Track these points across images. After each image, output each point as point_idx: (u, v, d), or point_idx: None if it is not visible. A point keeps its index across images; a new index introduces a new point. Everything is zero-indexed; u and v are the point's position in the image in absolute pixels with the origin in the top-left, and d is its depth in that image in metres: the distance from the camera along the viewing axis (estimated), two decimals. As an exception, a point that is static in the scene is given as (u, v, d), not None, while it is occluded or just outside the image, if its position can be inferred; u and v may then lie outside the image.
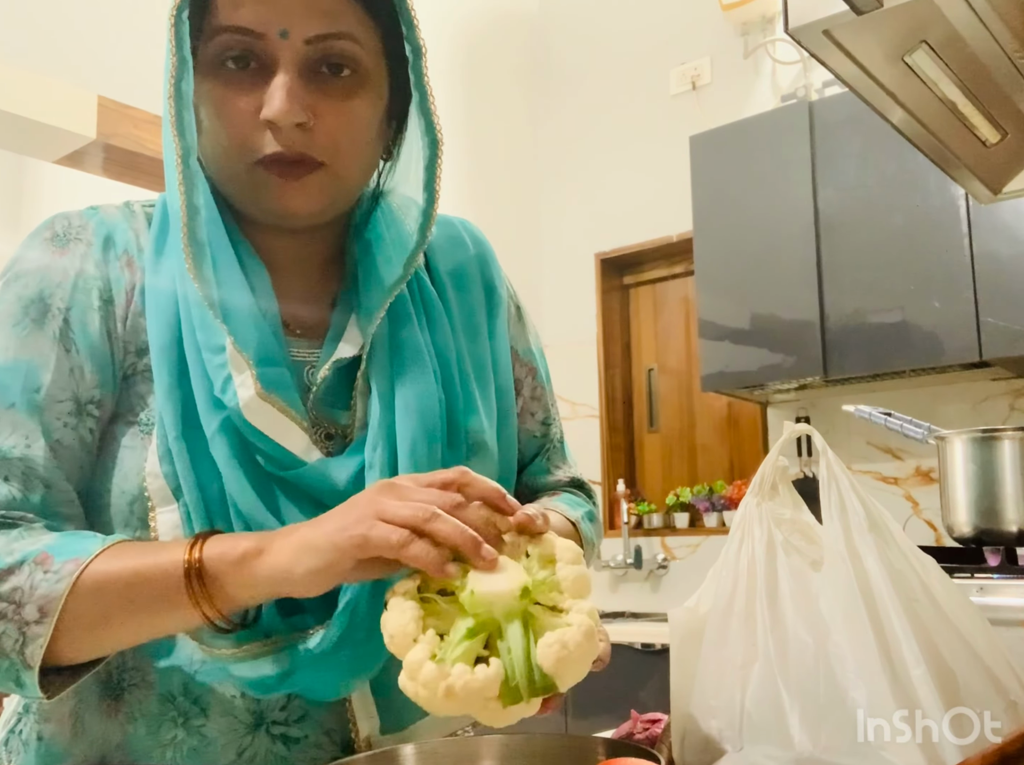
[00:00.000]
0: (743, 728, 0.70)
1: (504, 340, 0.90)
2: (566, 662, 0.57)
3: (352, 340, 0.80)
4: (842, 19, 0.89)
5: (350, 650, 0.71)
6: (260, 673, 0.71)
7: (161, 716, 0.73)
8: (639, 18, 3.65)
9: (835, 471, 0.76)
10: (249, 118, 0.73)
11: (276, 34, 0.72)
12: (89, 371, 0.75)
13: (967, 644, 0.70)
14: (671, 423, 3.58)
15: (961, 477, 1.91)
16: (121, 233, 0.79)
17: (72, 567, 0.64)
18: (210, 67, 0.74)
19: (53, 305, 0.75)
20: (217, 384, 0.72)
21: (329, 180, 0.76)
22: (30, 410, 0.71)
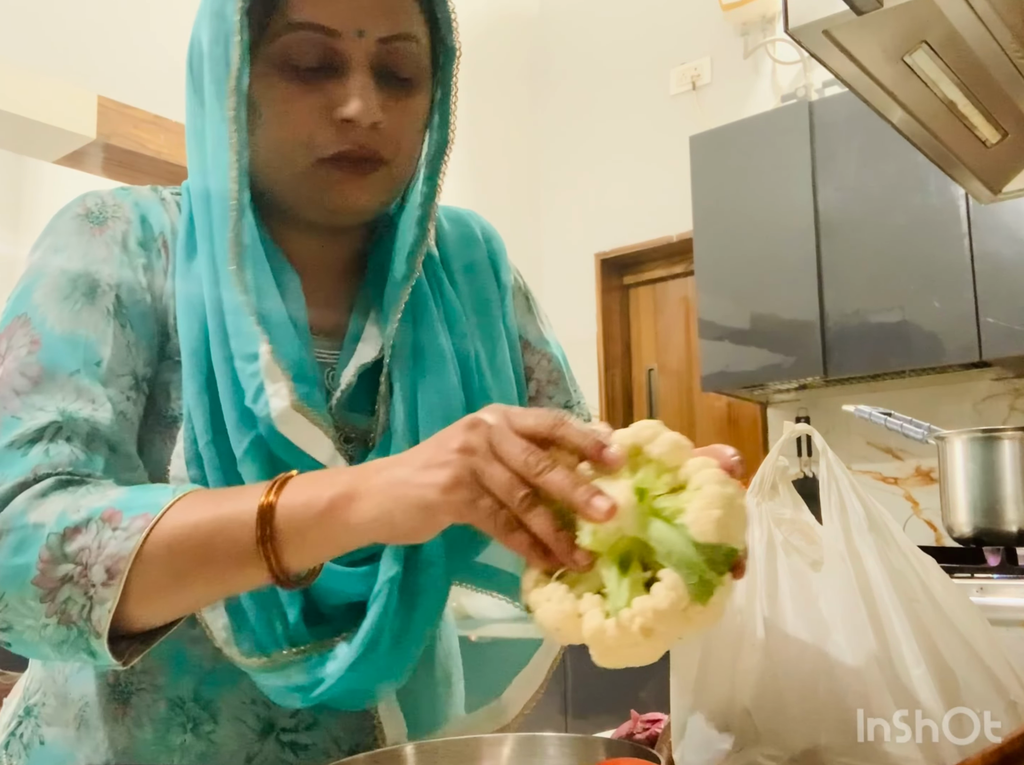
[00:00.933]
0: (743, 728, 0.70)
1: (513, 329, 0.89)
2: (725, 523, 0.51)
3: (371, 341, 0.79)
4: (842, 19, 0.89)
5: (379, 658, 0.70)
6: (292, 682, 0.70)
7: (170, 721, 0.73)
8: (639, 18, 3.65)
9: (835, 471, 0.76)
10: (318, 115, 0.72)
11: (352, 33, 0.71)
12: (143, 348, 0.73)
13: (967, 644, 0.70)
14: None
15: (961, 477, 1.91)
16: (156, 215, 0.78)
17: (142, 523, 0.60)
18: (275, 63, 0.72)
19: (102, 281, 0.73)
20: (249, 393, 0.70)
21: (388, 178, 0.77)
22: (92, 380, 0.69)
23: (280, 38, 0.72)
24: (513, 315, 0.90)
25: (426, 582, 0.73)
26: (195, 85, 0.78)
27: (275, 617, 0.70)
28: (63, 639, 0.61)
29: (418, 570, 0.73)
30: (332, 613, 0.72)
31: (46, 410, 0.66)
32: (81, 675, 0.75)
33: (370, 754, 0.67)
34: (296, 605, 0.71)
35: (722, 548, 0.51)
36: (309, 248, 0.81)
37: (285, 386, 0.70)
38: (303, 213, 0.78)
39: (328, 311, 0.81)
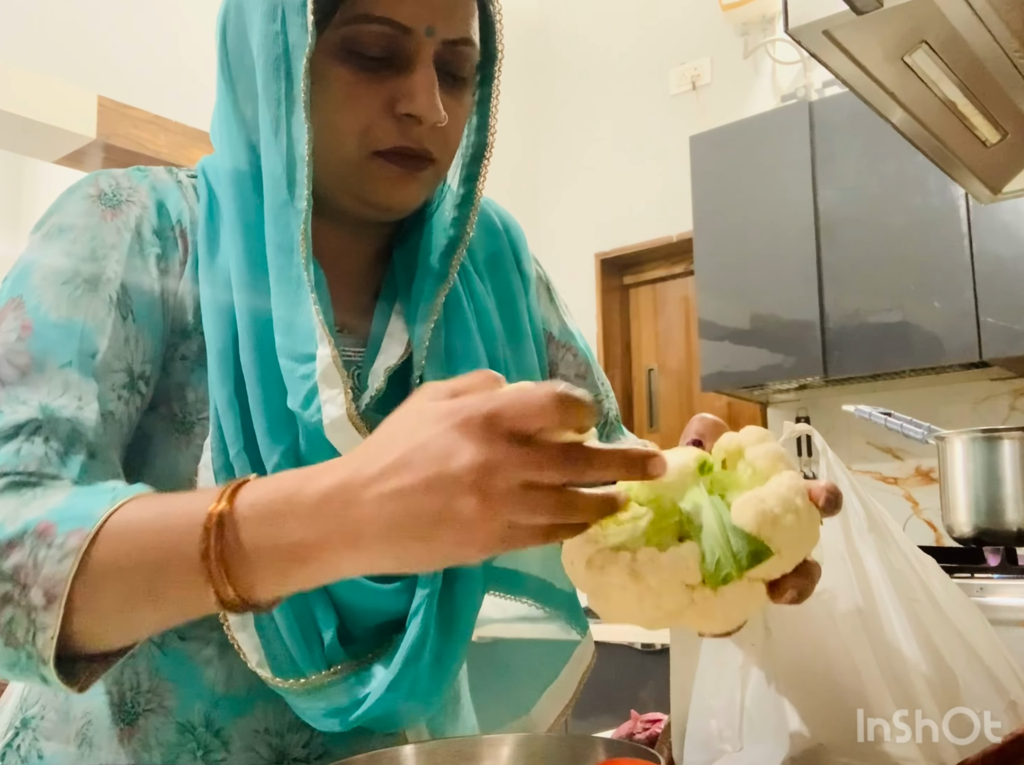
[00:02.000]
0: (743, 728, 0.70)
1: (537, 323, 0.87)
2: (771, 519, 0.46)
3: (397, 339, 0.76)
4: (842, 19, 0.89)
5: (420, 674, 0.68)
6: (331, 705, 0.67)
7: (179, 746, 0.69)
8: (639, 18, 3.65)
9: (835, 471, 0.76)
10: (379, 107, 0.71)
11: (423, 31, 0.70)
12: (145, 343, 0.68)
13: (967, 644, 0.70)
14: (671, 423, 3.58)
15: (961, 477, 1.91)
16: (174, 202, 0.74)
17: (76, 542, 0.53)
18: (339, 50, 0.70)
19: (108, 267, 0.68)
20: (298, 396, 0.66)
21: (434, 176, 0.76)
22: (84, 373, 0.64)
23: (348, 27, 0.69)
24: (537, 307, 0.88)
25: (464, 594, 0.71)
26: (234, 63, 0.74)
27: (311, 638, 0.67)
28: (14, 662, 0.55)
29: (456, 582, 0.71)
30: (366, 635, 0.70)
31: (28, 405, 0.61)
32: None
33: (370, 754, 0.67)
34: (332, 626, 0.67)
35: (754, 541, 0.47)
36: (335, 242, 0.78)
37: (342, 394, 0.66)
38: (342, 204, 0.75)
39: (351, 306, 0.78)
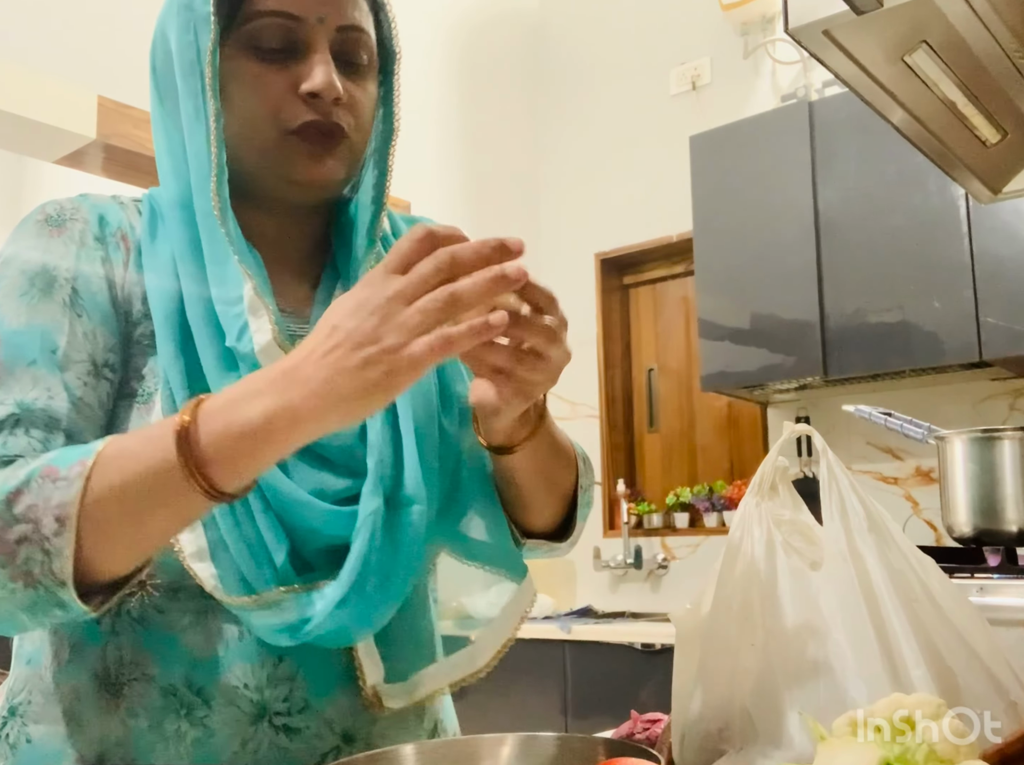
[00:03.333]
0: (743, 728, 0.70)
1: None
2: None
3: None
4: (842, 19, 0.89)
5: (367, 593, 0.72)
6: (282, 620, 0.72)
7: (164, 709, 0.73)
8: (639, 18, 3.65)
9: (835, 471, 0.76)
10: (284, 91, 0.78)
11: (314, 19, 0.79)
12: (101, 335, 0.77)
13: (967, 644, 0.70)
14: (671, 423, 3.58)
15: (961, 477, 1.91)
16: (113, 214, 0.82)
17: (79, 469, 0.62)
18: (243, 46, 0.79)
19: (59, 276, 0.77)
20: (232, 333, 0.74)
21: (348, 151, 0.82)
22: (50, 368, 0.72)
23: (247, 24, 0.78)
24: None
25: (407, 519, 0.75)
26: (162, 83, 0.84)
27: (263, 560, 0.73)
28: (33, 601, 0.62)
29: (399, 507, 0.76)
30: (317, 558, 0.75)
31: (5, 404, 0.70)
32: (68, 670, 0.76)
33: (370, 754, 0.67)
34: (283, 550, 0.73)
35: None
36: (272, 229, 0.86)
37: (267, 320, 0.75)
38: (270, 189, 0.82)
39: (293, 290, 0.85)
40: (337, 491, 0.75)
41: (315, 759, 0.76)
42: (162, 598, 0.75)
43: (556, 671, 2.78)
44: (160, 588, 0.75)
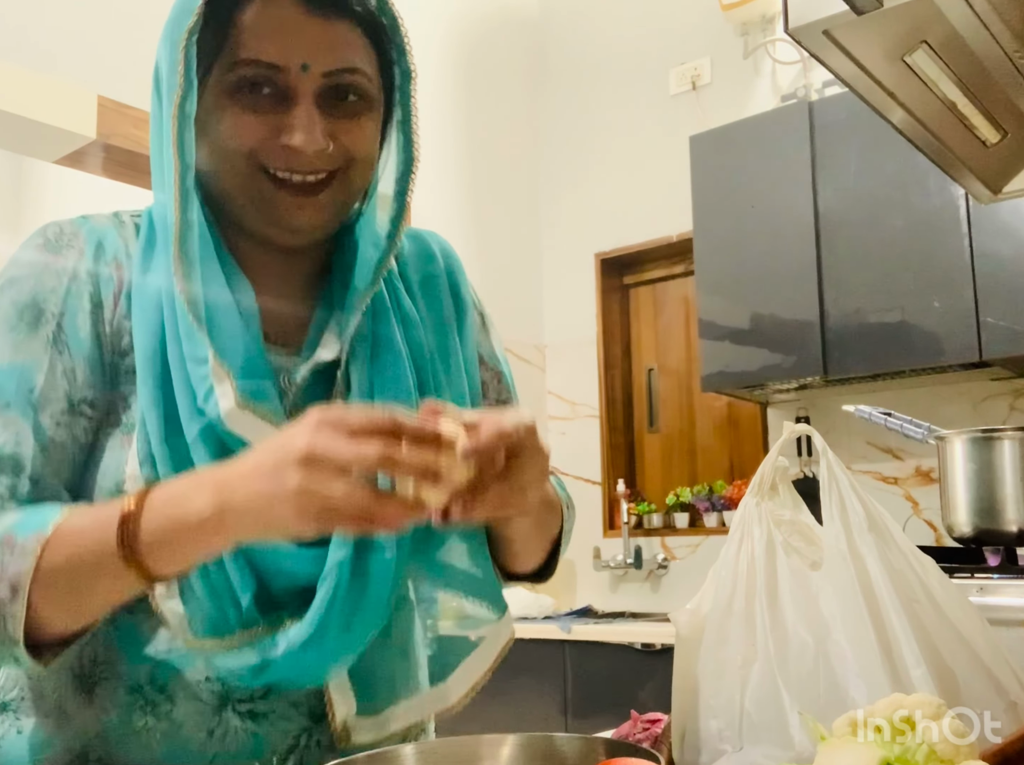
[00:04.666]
0: (743, 728, 0.70)
1: (471, 345, 0.93)
2: None
3: (330, 345, 0.83)
4: (842, 19, 0.89)
5: (329, 640, 0.74)
6: (243, 663, 0.74)
7: (131, 705, 0.77)
8: (639, 18, 3.65)
9: (835, 471, 0.76)
10: (263, 135, 0.77)
11: (298, 68, 0.77)
12: (81, 372, 0.78)
13: (967, 644, 0.70)
14: (671, 423, 3.58)
15: (961, 477, 1.91)
16: (111, 240, 0.83)
17: (34, 543, 0.67)
18: (225, 91, 0.78)
19: (47, 310, 0.78)
20: (200, 394, 0.75)
21: (340, 192, 0.81)
22: (23, 410, 0.75)
23: (229, 72, 0.77)
24: (472, 331, 0.94)
25: (376, 566, 0.76)
26: (161, 110, 0.82)
27: (227, 603, 0.74)
28: None
29: (368, 553, 0.76)
30: (284, 597, 0.76)
31: None
32: (54, 670, 0.78)
33: (369, 754, 0.67)
34: (249, 590, 0.74)
35: None
36: (268, 261, 0.85)
37: (229, 386, 0.75)
38: (257, 229, 0.82)
39: (288, 318, 0.86)
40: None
41: (287, 741, 0.78)
42: (133, 600, 0.76)
43: (556, 671, 2.78)
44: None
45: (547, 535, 0.89)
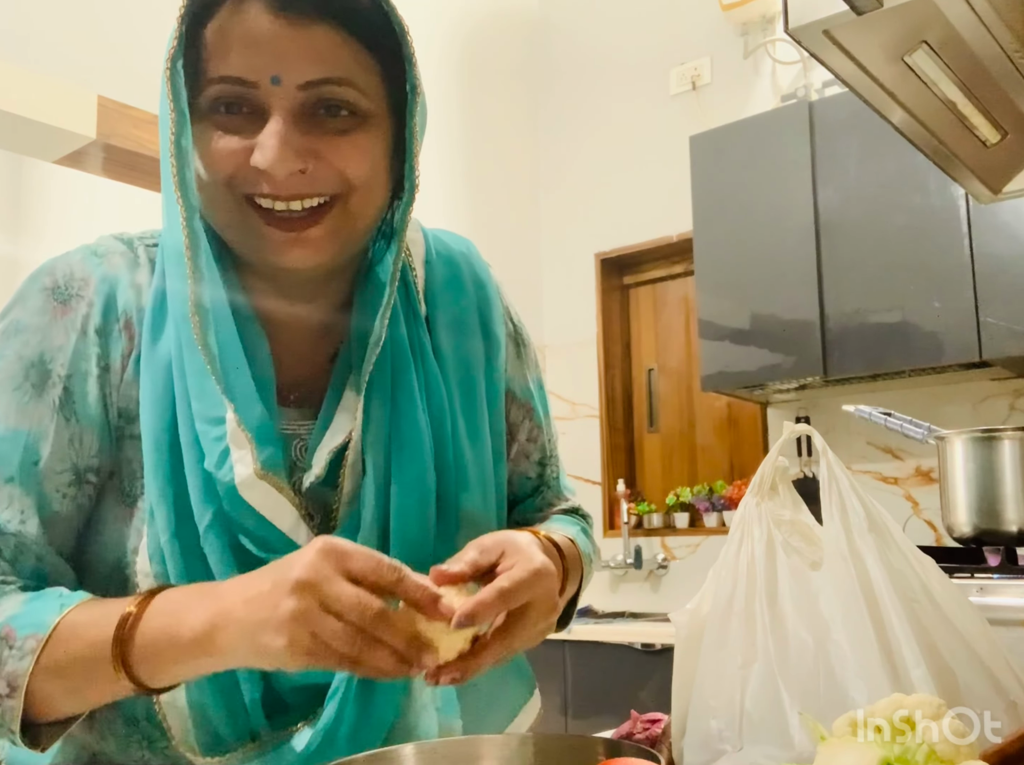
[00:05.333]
0: (743, 728, 0.70)
1: (500, 385, 0.88)
2: None
3: (347, 411, 0.77)
4: (842, 19, 0.89)
5: (339, 745, 0.71)
6: None
7: (128, 737, 0.76)
8: (639, 18, 3.65)
9: (835, 471, 0.76)
10: (240, 159, 0.71)
11: (268, 82, 0.70)
12: (88, 440, 0.75)
13: (967, 644, 0.70)
14: (671, 423, 3.58)
15: (961, 477, 1.91)
16: (123, 291, 0.77)
17: (33, 644, 0.66)
18: (203, 115, 0.72)
19: (54, 371, 0.74)
20: (212, 457, 0.71)
21: (338, 222, 0.74)
22: (27, 483, 0.72)
23: (205, 91, 0.71)
24: (502, 371, 0.88)
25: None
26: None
27: (236, 706, 0.73)
28: None
29: None
30: (291, 695, 0.74)
31: None
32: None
33: (369, 754, 0.67)
34: (257, 691, 0.73)
35: None
36: (281, 301, 0.79)
37: (249, 453, 0.71)
38: (260, 267, 0.77)
39: (302, 376, 0.80)
40: None
41: None
42: None
43: (556, 671, 2.78)
44: None
45: (567, 596, 0.85)
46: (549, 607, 0.69)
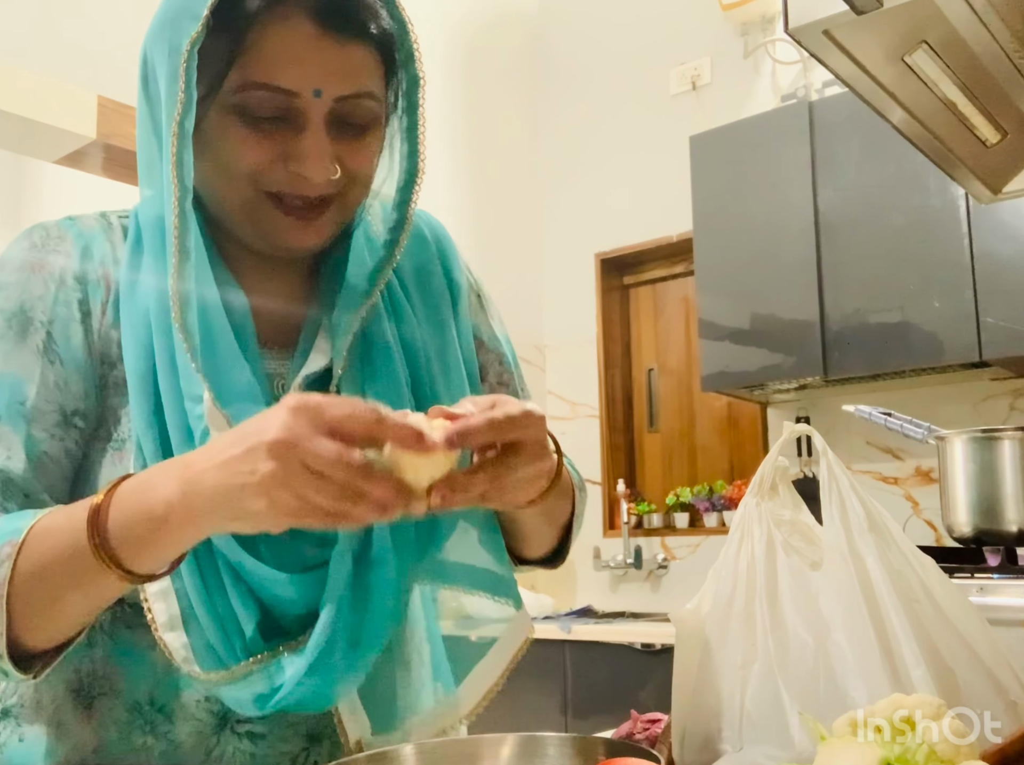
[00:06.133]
0: (743, 728, 0.70)
1: (467, 329, 0.91)
2: None
3: (322, 351, 0.81)
4: (842, 19, 0.89)
5: (335, 661, 0.72)
6: (250, 692, 0.72)
7: (130, 724, 0.76)
8: (639, 18, 3.65)
9: (835, 471, 0.76)
10: (269, 158, 0.75)
11: (310, 93, 0.74)
12: (74, 383, 0.76)
13: (967, 644, 0.70)
14: (671, 423, 3.58)
15: (961, 477, 1.91)
16: (99, 245, 0.81)
17: (8, 550, 0.65)
18: (231, 110, 0.74)
19: (35, 318, 0.76)
20: (196, 433, 0.73)
21: (339, 212, 0.80)
22: (15, 423, 0.73)
23: (239, 92, 0.74)
24: (467, 316, 0.92)
25: (378, 581, 0.74)
26: (152, 110, 0.78)
27: (232, 632, 0.72)
28: None
29: (369, 569, 0.75)
30: (289, 624, 0.74)
31: None
32: (49, 680, 0.77)
33: (370, 754, 0.67)
34: (253, 619, 0.73)
35: None
36: (261, 269, 0.84)
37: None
38: (252, 245, 0.81)
39: (280, 325, 0.84)
40: (311, 557, 0.75)
41: (285, 762, 0.77)
42: (132, 613, 0.76)
43: (556, 671, 2.78)
44: (133, 606, 0.76)
45: (558, 520, 0.87)
46: (539, 451, 0.67)
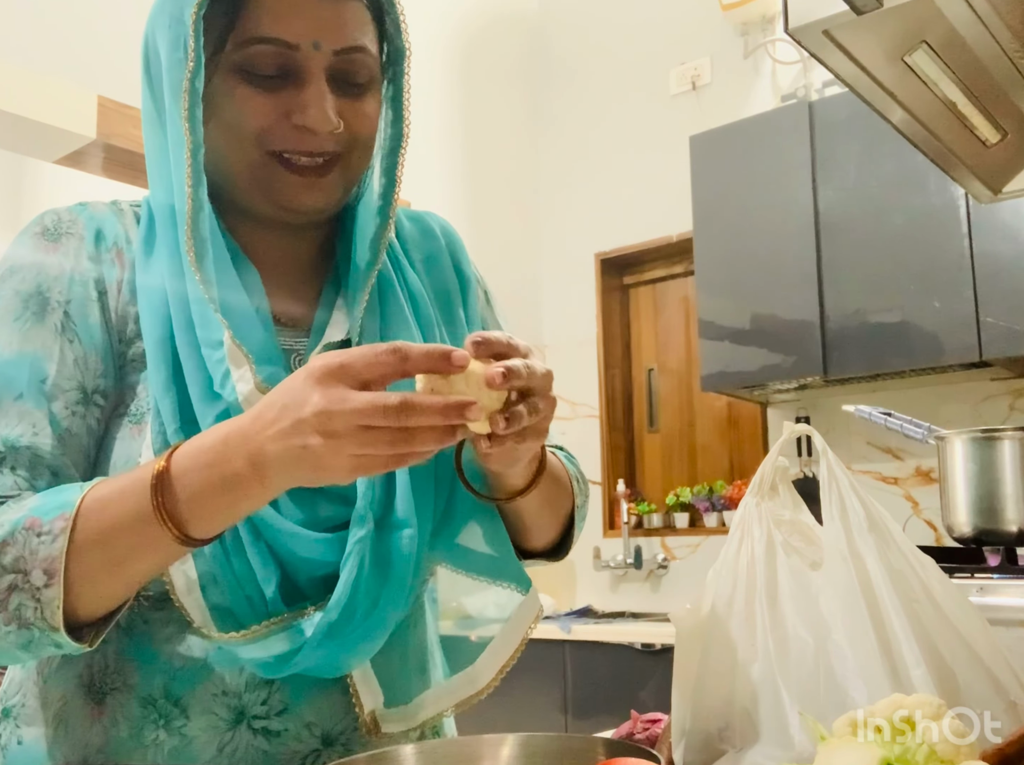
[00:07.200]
0: (743, 728, 0.70)
1: (477, 321, 0.92)
2: None
3: (338, 325, 0.83)
4: (842, 19, 0.89)
5: (353, 626, 0.72)
6: (270, 652, 0.72)
7: (143, 719, 0.74)
8: (639, 18, 3.65)
9: (835, 471, 0.76)
10: (275, 116, 0.77)
11: (310, 46, 0.76)
12: (93, 361, 0.77)
13: (967, 644, 0.70)
14: (671, 423, 3.58)
15: (961, 477, 1.91)
16: (110, 227, 0.82)
17: (62, 524, 0.65)
18: (234, 69, 0.76)
19: (52, 298, 0.76)
20: (216, 379, 0.73)
21: (343, 175, 0.81)
22: (37, 400, 0.73)
23: (241, 50, 0.76)
24: (476, 304, 0.93)
25: (397, 544, 0.75)
26: (153, 92, 0.81)
27: (253, 594, 0.73)
28: (28, 640, 0.66)
29: (389, 532, 0.75)
30: (308, 586, 0.75)
31: None
32: (59, 676, 0.77)
33: (370, 754, 0.67)
34: (273, 580, 0.73)
35: None
36: (271, 244, 0.85)
37: (248, 370, 0.74)
38: (260, 210, 0.82)
39: (293, 303, 0.85)
40: (329, 517, 0.75)
41: (295, 762, 0.76)
42: (149, 608, 0.75)
43: (556, 671, 2.78)
44: (150, 598, 0.75)
45: (558, 510, 0.88)
46: (545, 420, 0.68)
